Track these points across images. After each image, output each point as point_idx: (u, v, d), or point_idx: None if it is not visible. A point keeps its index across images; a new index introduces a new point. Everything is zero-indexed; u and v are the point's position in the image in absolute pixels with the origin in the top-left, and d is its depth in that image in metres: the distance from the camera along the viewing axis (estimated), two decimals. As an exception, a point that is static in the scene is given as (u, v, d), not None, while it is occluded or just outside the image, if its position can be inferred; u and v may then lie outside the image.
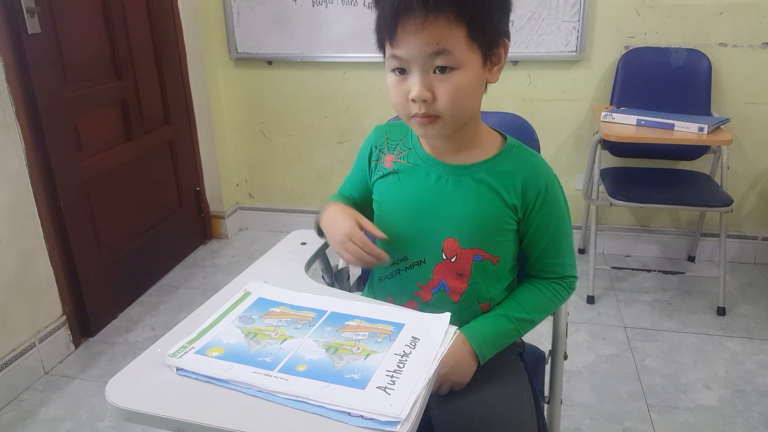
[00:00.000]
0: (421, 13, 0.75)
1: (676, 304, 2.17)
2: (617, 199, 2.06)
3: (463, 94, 0.81)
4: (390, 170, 0.96)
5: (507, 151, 0.92)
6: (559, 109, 2.42)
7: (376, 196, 0.99)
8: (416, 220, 0.92)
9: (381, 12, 0.81)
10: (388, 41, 0.81)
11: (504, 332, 0.91)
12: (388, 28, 0.79)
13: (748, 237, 2.45)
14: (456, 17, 0.76)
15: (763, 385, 1.73)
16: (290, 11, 2.45)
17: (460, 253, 0.91)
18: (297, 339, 0.75)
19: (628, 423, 1.59)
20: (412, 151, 0.95)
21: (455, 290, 0.92)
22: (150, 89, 2.29)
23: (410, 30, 0.77)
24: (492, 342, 0.90)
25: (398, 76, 0.82)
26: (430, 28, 0.76)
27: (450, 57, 0.78)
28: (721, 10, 2.18)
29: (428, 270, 0.93)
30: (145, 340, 1.99)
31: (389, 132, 0.99)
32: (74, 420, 1.63)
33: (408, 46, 0.78)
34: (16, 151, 1.70)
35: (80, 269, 1.94)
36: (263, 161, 2.79)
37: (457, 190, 0.91)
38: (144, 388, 0.67)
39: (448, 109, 0.81)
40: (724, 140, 1.89)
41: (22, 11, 1.65)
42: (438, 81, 0.80)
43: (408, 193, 0.94)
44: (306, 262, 0.99)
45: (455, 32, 0.77)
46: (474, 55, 0.80)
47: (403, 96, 0.82)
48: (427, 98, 0.80)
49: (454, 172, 0.91)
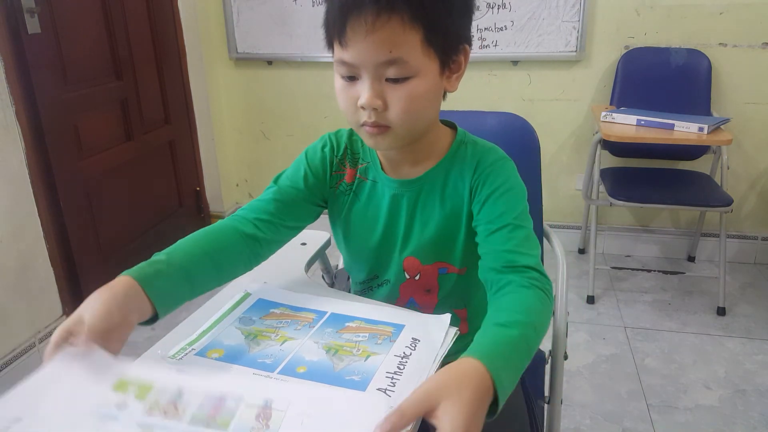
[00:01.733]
0: (372, 12, 0.68)
1: (676, 304, 2.17)
2: (617, 199, 2.06)
3: (418, 104, 0.74)
4: (350, 187, 0.89)
5: (456, 148, 0.85)
6: (559, 109, 2.42)
7: (334, 213, 0.92)
8: (379, 241, 0.89)
9: (330, 6, 0.74)
10: (336, 40, 0.73)
11: (505, 339, 0.64)
12: (337, 26, 0.72)
13: (748, 237, 2.45)
14: (411, 18, 0.69)
15: (763, 385, 1.73)
16: (290, 11, 2.45)
17: (423, 270, 0.88)
18: (297, 340, 0.74)
19: (628, 423, 1.59)
20: (371, 165, 0.88)
21: (425, 305, 0.90)
22: (150, 89, 2.29)
23: (360, 31, 0.69)
24: (506, 361, 0.61)
25: (347, 81, 0.75)
26: (382, 30, 0.69)
27: (404, 67, 0.71)
28: (721, 10, 2.18)
29: (395, 289, 0.91)
30: (145, 341, 1.97)
31: (350, 143, 0.90)
32: (74, 420, 1.63)
33: (357, 50, 0.71)
34: (16, 151, 1.70)
35: (80, 269, 1.93)
36: (263, 161, 2.79)
37: (413, 207, 0.86)
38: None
39: (401, 119, 0.74)
40: (724, 140, 1.89)
41: (22, 11, 1.65)
42: (390, 89, 0.73)
43: (369, 215, 0.89)
44: (306, 262, 0.99)
45: (410, 36, 0.70)
46: (431, 62, 0.73)
47: (352, 101, 0.74)
48: (378, 106, 0.73)
49: (409, 188, 0.85)
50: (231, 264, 0.80)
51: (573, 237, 2.58)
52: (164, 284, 0.70)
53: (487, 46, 2.34)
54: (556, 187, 2.52)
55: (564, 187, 2.53)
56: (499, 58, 2.36)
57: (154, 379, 0.54)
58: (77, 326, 0.62)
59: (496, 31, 2.32)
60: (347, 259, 0.97)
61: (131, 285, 0.67)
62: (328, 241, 1.09)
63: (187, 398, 0.52)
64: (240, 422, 0.48)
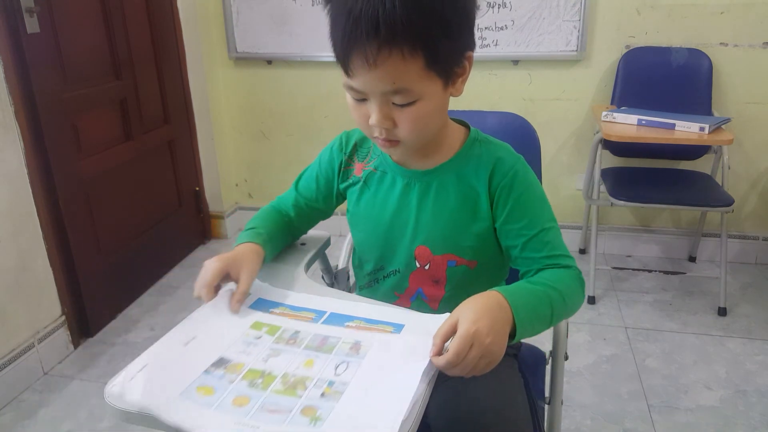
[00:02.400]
0: (373, 47, 0.71)
1: (677, 305, 2.16)
2: (618, 199, 2.05)
3: (425, 122, 0.79)
4: (360, 179, 0.95)
5: (470, 146, 0.89)
6: (559, 108, 2.41)
7: (349, 206, 0.98)
8: (387, 229, 0.92)
9: (334, 32, 0.76)
10: (342, 68, 0.77)
11: (533, 291, 0.77)
12: (341, 56, 0.75)
13: (749, 237, 2.45)
14: (410, 50, 0.72)
15: (763, 385, 1.72)
16: (290, 11, 2.45)
17: (432, 260, 0.90)
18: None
19: (628, 423, 1.58)
20: (381, 158, 0.94)
21: (433, 298, 0.92)
22: (149, 89, 2.28)
23: (362, 65, 0.73)
24: (525, 299, 0.75)
25: (357, 102, 0.80)
26: (384, 64, 0.72)
27: (408, 94, 0.75)
28: (721, 10, 2.18)
29: (404, 279, 0.92)
30: (144, 341, 1.98)
31: (359, 139, 0.97)
32: (73, 420, 1.62)
33: (363, 81, 0.75)
34: (16, 151, 1.69)
35: (79, 269, 1.93)
36: (263, 161, 2.78)
37: (424, 197, 0.89)
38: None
39: (410, 135, 0.79)
40: (725, 140, 1.89)
41: (21, 11, 1.65)
42: (398, 111, 0.77)
43: (378, 203, 0.93)
44: (306, 262, 0.98)
45: (411, 66, 0.73)
46: (433, 84, 0.77)
47: (364, 118, 0.80)
48: (388, 126, 0.78)
49: (421, 178, 0.90)
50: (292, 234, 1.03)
51: (574, 237, 2.57)
52: (268, 245, 0.93)
53: (488, 45, 2.34)
54: (557, 187, 2.52)
55: (564, 187, 2.52)
56: (500, 58, 2.36)
57: (280, 322, 0.78)
58: (230, 268, 0.83)
59: (496, 31, 2.32)
60: (358, 249, 1.00)
61: (256, 248, 0.90)
62: (328, 241, 1.09)
63: (302, 336, 0.74)
64: (339, 350, 0.71)
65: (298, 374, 0.67)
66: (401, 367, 0.67)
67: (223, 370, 0.68)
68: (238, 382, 0.66)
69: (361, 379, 0.65)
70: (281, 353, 0.71)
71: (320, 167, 0.99)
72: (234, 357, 0.70)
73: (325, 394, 0.64)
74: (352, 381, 0.65)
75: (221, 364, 0.69)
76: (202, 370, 0.68)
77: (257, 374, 0.67)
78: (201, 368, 0.68)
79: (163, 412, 0.61)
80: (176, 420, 0.60)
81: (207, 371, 0.68)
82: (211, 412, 0.61)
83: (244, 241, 0.90)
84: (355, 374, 0.66)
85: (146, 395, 0.63)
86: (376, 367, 0.67)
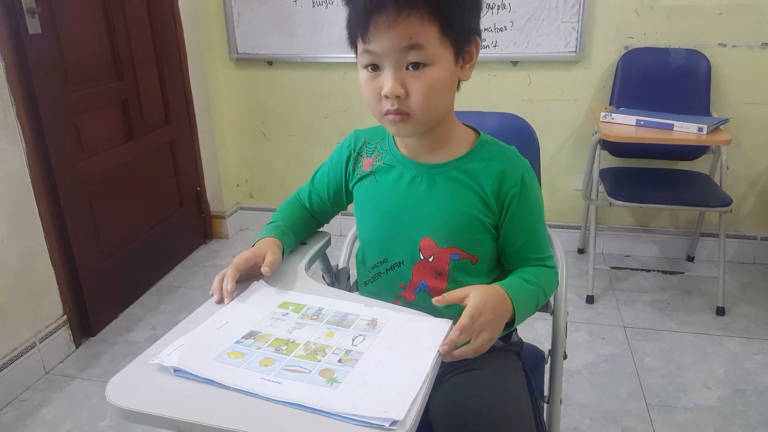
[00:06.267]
0: (394, 10, 0.77)
1: (676, 304, 2.17)
2: (617, 199, 2.06)
3: (436, 91, 0.83)
4: (368, 173, 0.98)
5: (480, 147, 0.93)
6: (558, 109, 2.42)
7: (356, 200, 1.01)
8: (393, 221, 0.94)
9: (353, 9, 0.82)
10: (360, 37, 0.81)
11: (524, 285, 0.88)
12: (360, 25, 0.80)
13: (748, 237, 2.46)
14: (428, 14, 0.78)
15: (762, 384, 1.73)
16: (290, 11, 2.46)
17: (437, 253, 0.92)
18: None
19: (627, 423, 1.59)
20: (389, 152, 0.97)
21: (435, 290, 0.93)
22: (150, 89, 2.29)
23: (383, 26, 0.78)
24: (519, 289, 0.86)
25: (371, 72, 0.83)
26: (403, 24, 0.77)
27: (423, 52, 0.79)
28: (720, 11, 2.19)
29: (407, 270, 0.94)
30: (145, 340, 1.99)
31: (368, 136, 1.01)
32: (75, 420, 1.63)
33: (381, 41, 0.79)
34: (17, 152, 1.70)
35: (81, 269, 1.94)
36: (263, 161, 2.79)
37: (431, 190, 0.92)
38: (144, 388, 0.68)
39: (421, 106, 0.82)
40: (724, 140, 1.89)
41: (23, 12, 1.66)
42: (411, 77, 0.81)
43: (384, 195, 0.95)
44: (306, 262, 0.99)
45: (428, 28, 0.78)
46: (447, 52, 0.82)
47: (376, 93, 0.83)
48: (401, 94, 0.81)
49: (429, 172, 0.92)
50: (314, 223, 1.11)
51: (572, 237, 2.58)
52: (287, 239, 0.99)
53: (487, 46, 2.35)
54: (556, 188, 2.53)
55: (563, 187, 2.53)
56: (499, 59, 2.37)
57: (306, 301, 0.85)
58: (255, 259, 0.89)
59: (495, 32, 2.33)
60: (363, 242, 1.01)
61: (275, 240, 0.96)
62: (328, 241, 1.09)
63: (324, 312, 0.82)
64: (357, 325, 0.79)
65: (319, 343, 0.74)
66: (409, 353, 0.73)
67: (252, 340, 0.76)
68: (265, 348, 0.73)
69: (375, 351, 0.73)
70: (305, 326, 0.79)
71: (332, 163, 1.05)
72: (262, 329, 0.78)
73: (342, 360, 0.71)
74: (366, 351, 0.73)
75: (251, 335, 0.77)
76: (233, 341, 0.75)
77: (282, 342, 0.75)
78: (233, 340, 0.75)
79: (195, 370, 0.68)
80: (208, 374, 0.67)
81: (238, 341, 0.75)
82: (240, 369, 0.69)
83: (263, 236, 0.97)
84: (370, 346, 0.74)
85: (182, 360, 0.70)
86: (388, 344, 0.74)
